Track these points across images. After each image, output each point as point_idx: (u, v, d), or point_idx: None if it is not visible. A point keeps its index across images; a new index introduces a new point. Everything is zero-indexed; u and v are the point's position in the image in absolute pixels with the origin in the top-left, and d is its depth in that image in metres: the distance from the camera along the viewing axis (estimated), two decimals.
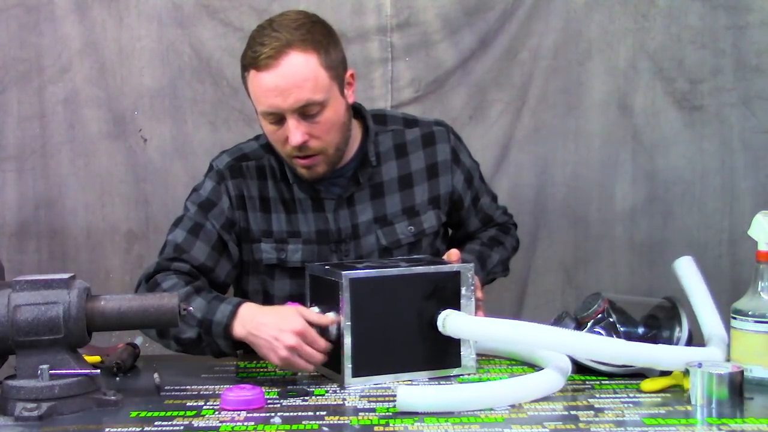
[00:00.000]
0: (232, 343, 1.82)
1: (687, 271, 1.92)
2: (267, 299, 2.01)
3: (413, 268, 1.80)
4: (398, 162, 2.05)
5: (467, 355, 1.83)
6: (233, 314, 1.79)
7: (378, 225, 2.02)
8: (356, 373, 1.75)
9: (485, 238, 2.17)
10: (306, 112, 1.87)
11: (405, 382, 1.77)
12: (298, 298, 1.87)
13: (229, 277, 2.01)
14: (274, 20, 1.90)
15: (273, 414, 1.58)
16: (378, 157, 2.03)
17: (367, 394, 1.71)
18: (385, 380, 1.77)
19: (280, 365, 1.77)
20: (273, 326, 1.75)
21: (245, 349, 1.88)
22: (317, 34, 1.88)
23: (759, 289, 1.74)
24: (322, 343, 1.75)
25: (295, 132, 1.87)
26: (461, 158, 2.10)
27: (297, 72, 1.85)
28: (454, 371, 1.82)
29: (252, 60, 1.87)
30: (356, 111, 2.05)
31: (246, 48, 1.90)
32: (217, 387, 1.76)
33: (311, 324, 1.75)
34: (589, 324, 1.84)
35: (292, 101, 1.85)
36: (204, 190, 2.01)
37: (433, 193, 2.06)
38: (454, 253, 1.86)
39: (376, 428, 1.52)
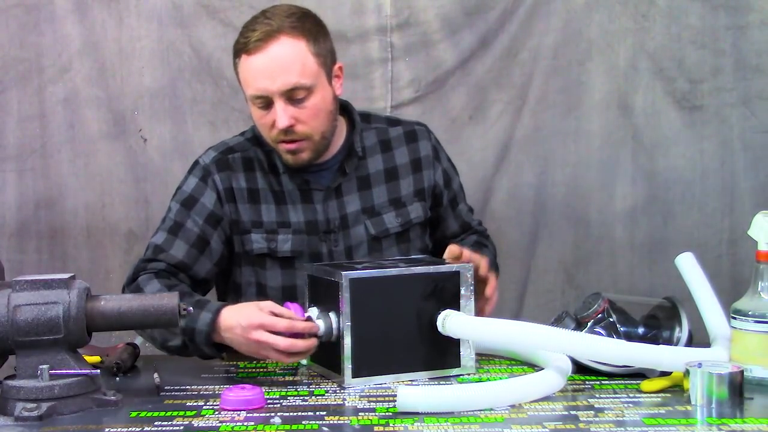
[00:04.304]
0: (217, 348, 1.84)
1: (689, 268, 1.92)
2: (260, 290, 2.03)
3: (413, 268, 1.80)
4: (383, 156, 2.09)
5: (467, 356, 1.83)
6: (213, 321, 1.80)
7: (366, 215, 2.05)
8: (356, 374, 1.75)
9: (470, 242, 2.17)
10: (293, 96, 1.91)
11: (405, 383, 1.77)
12: (290, 289, 1.89)
13: (210, 274, 2.02)
14: (266, 10, 1.95)
15: (273, 414, 1.58)
16: (363, 151, 2.07)
17: (367, 394, 1.71)
18: (385, 380, 1.77)
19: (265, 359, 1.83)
20: (238, 327, 1.76)
21: (229, 351, 1.88)
22: (307, 23, 1.94)
23: (759, 289, 1.74)
24: (281, 324, 1.73)
25: (282, 115, 1.91)
26: (441, 157, 2.16)
27: (286, 55, 1.89)
28: (454, 371, 1.82)
29: (243, 45, 1.92)
30: (342, 107, 2.09)
31: (238, 36, 1.94)
32: (217, 387, 1.76)
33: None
34: (589, 324, 1.84)
35: (280, 84, 1.89)
36: (187, 186, 2.04)
37: (418, 186, 2.10)
38: (454, 249, 1.86)
39: (376, 428, 1.52)
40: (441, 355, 1.81)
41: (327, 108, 1.97)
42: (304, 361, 1.90)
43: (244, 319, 1.75)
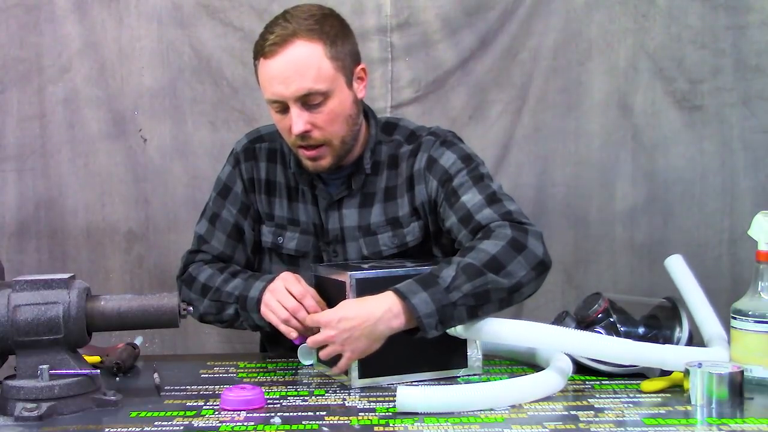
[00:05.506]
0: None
1: (679, 271, 1.92)
2: None
3: (419, 268, 1.80)
4: (389, 173, 2.01)
5: (473, 356, 1.83)
6: (264, 289, 1.87)
7: (361, 233, 2.00)
8: (363, 375, 1.75)
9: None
10: (308, 101, 1.87)
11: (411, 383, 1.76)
12: None
13: (249, 261, 2.07)
14: (288, 11, 1.91)
15: (273, 414, 1.58)
16: (377, 166, 2.01)
17: (368, 393, 1.71)
18: (391, 381, 1.77)
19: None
20: (276, 281, 1.88)
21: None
22: (326, 26, 1.89)
23: (759, 289, 1.74)
24: (296, 288, 1.83)
25: (297, 121, 1.87)
26: (439, 163, 1.96)
27: (300, 60, 1.85)
28: (461, 372, 1.82)
29: (260, 48, 1.89)
30: (368, 115, 2.03)
31: (258, 37, 1.91)
32: (217, 387, 1.76)
33: None
34: (589, 324, 1.84)
35: (294, 89, 1.86)
36: (223, 174, 2.09)
37: (413, 205, 1.99)
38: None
39: (376, 428, 1.52)
40: (447, 355, 1.81)
41: (345, 112, 1.91)
42: (309, 362, 1.90)
43: (282, 275, 1.87)
